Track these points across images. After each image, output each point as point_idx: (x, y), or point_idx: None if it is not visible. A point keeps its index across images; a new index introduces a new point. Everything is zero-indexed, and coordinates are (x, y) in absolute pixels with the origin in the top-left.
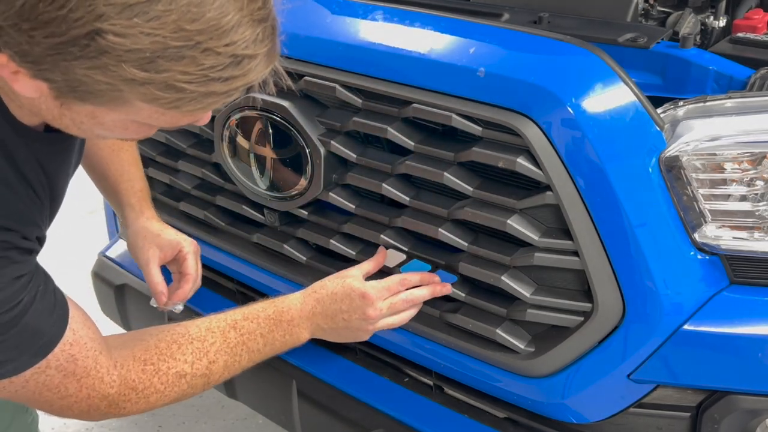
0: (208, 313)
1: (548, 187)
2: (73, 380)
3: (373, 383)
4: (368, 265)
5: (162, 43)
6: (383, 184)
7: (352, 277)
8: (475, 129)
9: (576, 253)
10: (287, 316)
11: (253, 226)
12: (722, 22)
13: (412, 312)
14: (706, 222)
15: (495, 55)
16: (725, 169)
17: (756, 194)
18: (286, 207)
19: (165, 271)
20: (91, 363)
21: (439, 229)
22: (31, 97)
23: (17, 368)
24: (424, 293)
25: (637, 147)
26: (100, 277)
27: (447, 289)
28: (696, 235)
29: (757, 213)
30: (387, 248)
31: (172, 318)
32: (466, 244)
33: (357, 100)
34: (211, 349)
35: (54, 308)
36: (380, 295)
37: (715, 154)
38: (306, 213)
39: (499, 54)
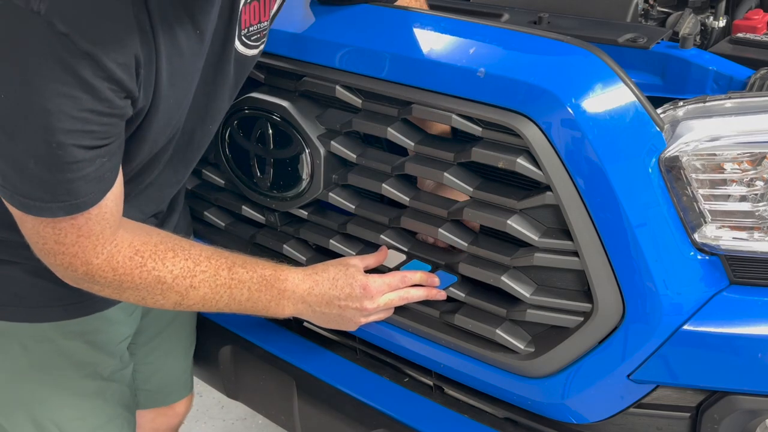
0: (205, 314)
1: (548, 188)
2: (74, 234)
3: (373, 383)
4: (370, 259)
5: None
6: (383, 185)
7: (355, 267)
8: (475, 129)
9: (576, 254)
10: (282, 285)
11: (253, 226)
12: (722, 23)
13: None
14: (705, 222)
15: (495, 55)
16: (725, 169)
17: (756, 194)
18: (286, 207)
19: None
20: (98, 230)
21: (439, 229)
22: None
23: (41, 211)
24: (420, 294)
25: (637, 147)
26: None
27: (441, 295)
28: (696, 236)
29: (756, 213)
30: (388, 248)
31: None
32: (465, 244)
33: (357, 101)
34: (199, 275)
35: (102, 180)
36: (380, 290)
37: (714, 155)
38: (306, 213)
39: (499, 54)
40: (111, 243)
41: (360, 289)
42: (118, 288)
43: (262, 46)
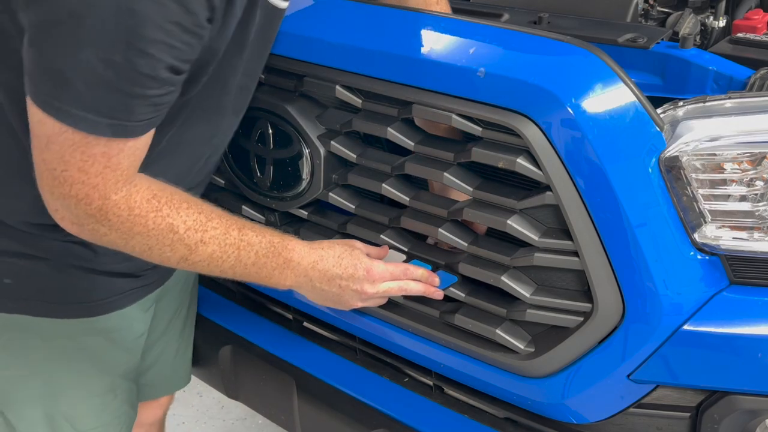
0: (205, 314)
1: (548, 188)
2: (101, 164)
3: (373, 383)
4: (372, 250)
5: None
6: (383, 185)
7: (360, 250)
8: (475, 129)
9: (576, 254)
10: (288, 254)
11: None
12: (722, 23)
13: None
14: (705, 222)
15: (495, 55)
16: (725, 169)
17: (756, 194)
18: (286, 207)
19: None
20: (125, 165)
21: (439, 229)
22: None
23: (90, 126)
24: (418, 288)
25: (637, 147)
26: None
27: (439, 294)
28: (696, 236)
29: (756, 213)
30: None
31: None
32: (465, 244)
33: (357, 101)
34: (210, 231)
35: (156, 110)
36: (382, 276)
37: (714, 155)
38: (306, 213)
39: (499, 54)
40: (131, 182)
41: (363, 272)
42: (127, 232)
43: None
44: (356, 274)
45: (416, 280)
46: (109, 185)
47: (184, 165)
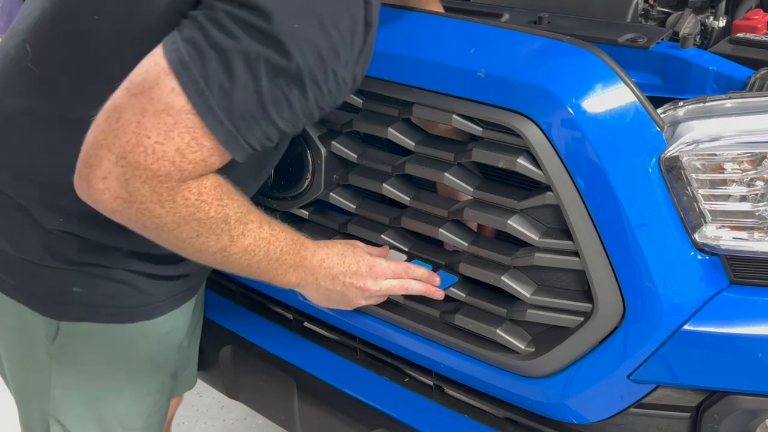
0: (206, 314)
1: (548, 188)
2: (203, 156)
3: (373, 383)
4: (373, 250)
5: None
6: (384, 185)
7: (361, 248)
8: (476, 129)
9: (576, 254)
10: (303, 252)
11: None
12: (722, 23)
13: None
14: (706, 222)
15: (495, 55)
16: (725, 169)
17: (756, 194)
18: (287, 207)
19: None
20: (217, 164)
21: (440, 229)
22: None
23: (214, 120)
24: (419, 288)
25: (638, 147)
26: None
27: (439, 294)
28: (696, 236)
29: (757, 213)
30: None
31: None
32: (466, 244)
33: (357, 101)
34: (249, 223)
35: (254, 151)
36: (385, 273)
37: (715, 155)
38: (307, 213)
39: (500, 54)
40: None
41: (366, 268)
42: (186, 216)
43: None
44: (360, 270)
45: (417, 280)
46: (195, 174)
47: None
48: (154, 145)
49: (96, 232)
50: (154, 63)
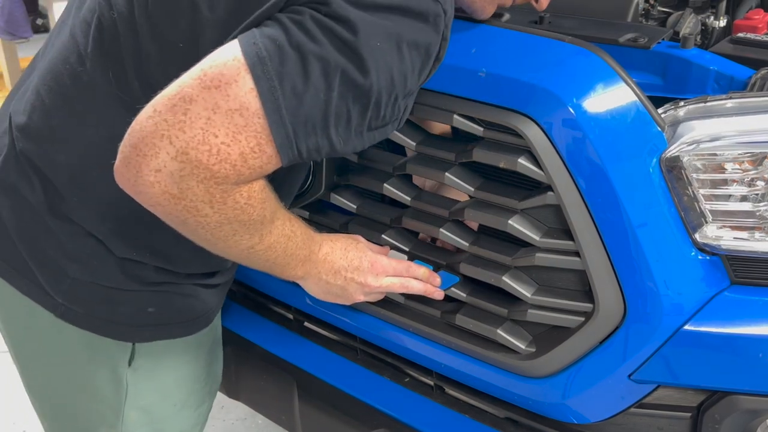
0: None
1: (549, 188)
2: (263, 161)
3: (374, 383)
4: (375, 249)
5: None
6: (384, 184)
7: (364, 243)
8: (477, 129)
9: (577, 254)
10: (312, 246)
11: None
12: (723, 22)
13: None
14: (706, 222)
15: (496, 55)
16: (726, 169)
17: (757, 194)
18: (288, 207)
19: None
20: (272, 169)
21: (441, 229)
22: None
23: (277, 123)
24: (419, 287)
25: (638, 147)
26: None
27: (439, 294)
28: (697, 236)
29: (757, 213)
30: (390, 248)
31: None
32: (467, 244)
33: None
34: (276, 221)
35: (311, 157)
36: (386, 270)
37: (715, 155)
38: (308, 213)
39: (500, 54)
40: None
41: (368, 263)
42: (232, 217)
43: None
44: (361, 265)
45: (418, 279)
46: (250, 178)
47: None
48: (220, 146)
49: (165, 261)
50: (233, 57)
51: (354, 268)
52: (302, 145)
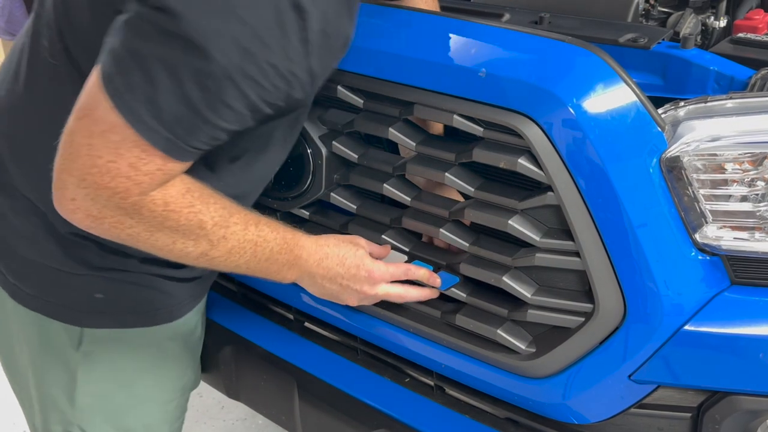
0: (207, 314)
1: (549, 188)
2: (157, 165)
3: (374, 383)
4: (375, 248)
5: None
6: (384, 185)
7: (363, 250)
8: (477, 129)
9: (577, 254)
10: (298, 251)
11: None
12: (723, 23)
13: None
14: (707, 222)
15: (496, 55)
16: (726, 169)
17: (757, 195)
18: (288, 207)
19: None
20: (177, 171)
21: (441, 230)
22: None
23: (149, 131)
24: (416, 294)
25: (638, 147)
26: None
27: (435, 294)
28: (697, 236)
29: (758, 213)
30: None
31: None
32: (467, 244)
33: (358, 101)
34: (232, 226)
35: (212, 145)
36: (383, 278)
37: (716, 155)
38: (308, 213)
39: (501, 54)
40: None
41: (365, 272)
42: (157, 226)
43: None
44: (358, 274)
45: (417, 282)
46: (154, 184)
47: (263, 177)
48: (107, 165)
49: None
50: (92, 83)
51: (350, 276)
52: (193, 141)
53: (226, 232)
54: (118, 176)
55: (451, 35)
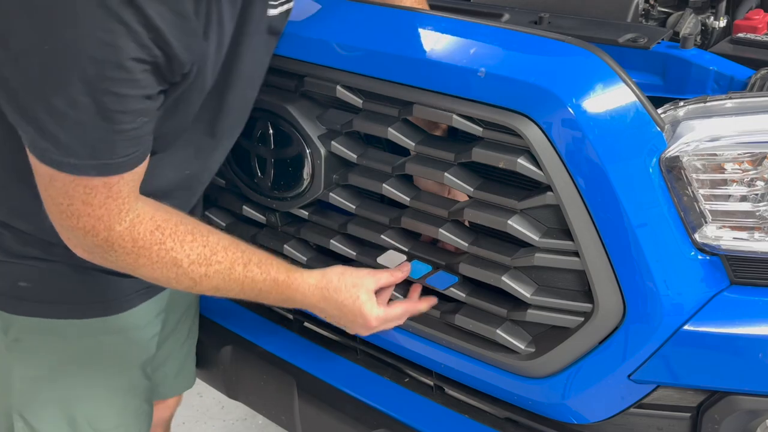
0: (206, 314)
1: (549, 188)
2: (103, 195)
3: (374, 383)
4: (385, 277)
5: None
6: (384, 185)
7: (367, 295)
8: (476, 129)
9: (576, 254)
10: (291, 291)
11: (254, 226)
12: (723, 23)
13: None
14: (706, 222)
15: (495, 55)
16: (725, 169)
17: (756, 194)
18: (287, 207)
19: None
20: (126, 192)
21: (440, 230)
22: None
23: (74, 169)
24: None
25: (638, 147)
26: None
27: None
28: (696, 236)
29: (757, 213)
30: (388, 249)
31: None
32: (466, 244)
33: (357, 101)
34: (214, 265)
35: (139, 150)
36: (381, 325)
37: (715, 155)
38: (307, 213)
39: (500, 54)
40: (134, 210)
41: (361, 319)
42: (133, 263)
43: (288, 5)
44: (356, 321)
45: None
46: (113, 216)
47: (166, 182)
48: (69, 209)
49: (27, 225)
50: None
51: (348, 321)
52: (118, 152)
53: (208, 271)
54: (80, 216)
55: (451, 35)
